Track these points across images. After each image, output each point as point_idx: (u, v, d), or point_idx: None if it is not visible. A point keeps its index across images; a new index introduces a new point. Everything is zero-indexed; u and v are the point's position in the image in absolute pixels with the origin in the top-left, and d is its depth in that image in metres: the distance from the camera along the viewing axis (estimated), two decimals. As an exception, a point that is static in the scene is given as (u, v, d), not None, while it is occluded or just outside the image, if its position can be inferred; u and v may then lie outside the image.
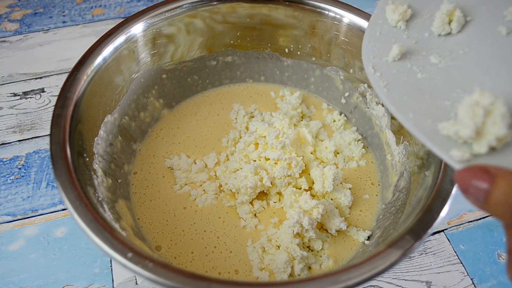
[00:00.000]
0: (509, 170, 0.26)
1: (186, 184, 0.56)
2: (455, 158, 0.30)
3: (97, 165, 0.47)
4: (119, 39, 0.53)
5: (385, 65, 0.37)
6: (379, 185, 0.58)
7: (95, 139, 0.49)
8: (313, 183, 0.55)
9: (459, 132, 0.30)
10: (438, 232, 0.59)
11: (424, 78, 0.36)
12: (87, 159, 0.46)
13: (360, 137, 0.61)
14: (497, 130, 0.29)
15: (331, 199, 0.54)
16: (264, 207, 0.54)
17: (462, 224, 0.60)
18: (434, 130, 0.32)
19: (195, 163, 0.58)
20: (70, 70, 0.48)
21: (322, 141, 0.61)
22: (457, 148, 0.30)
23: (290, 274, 0.48)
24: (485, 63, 0.35)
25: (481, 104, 0.29)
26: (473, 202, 0.27)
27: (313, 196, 0.54)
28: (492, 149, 0.30)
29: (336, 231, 0.51)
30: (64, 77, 0.62)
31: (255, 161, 0.56)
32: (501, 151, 0.30)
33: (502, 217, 0.25)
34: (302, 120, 0.64)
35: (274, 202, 0.55)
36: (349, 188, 0.56)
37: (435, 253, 0.57)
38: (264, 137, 0.56)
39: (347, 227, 0.52)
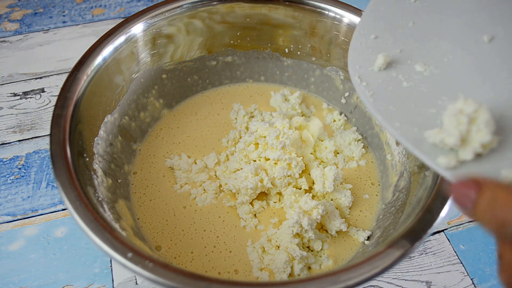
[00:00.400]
0: (495, 181, 0.27)
1: (186, 184, 0.56)
2: (441, 165, 0.30)
3: (97, 165, 0.47)
4: (119, 39, 0.53)
5: (371, 74, 0.38)
6: (379, 185, 0.58)
7: (95, 139, 0.49)
8: (313, 183, 0.55)
9: (445, 140, 0.31)
10: (438, 232, 0.59)
11: (410, 87, 0.36)
12: (87, 159, 0.46)
13: (360, 137, 0.61)
14: (482, 137, 0.29)
15: (331, 200, 0.54)
16: (264, 207, 0.54)
17: (462, 224, 0.60)
18: (421, 138, 0.32)
19: (196, 163, 0.58)
20: (70, 70, 0.48)
21: (322, 141, 0.61)
22: (444, 155, 0.31)
23: (289, 274, 0.48)
24: (469, 70, 0.36)
25: (465, 112, 0.30)
26: (462, 211, 0.28)
27: (313, 196, 0.54)
28: (478, 155, 0.30)
29: (336, 232, 0.51)
30: (64, 77, 0.62)
31: (255, 161, 0.56)
32: (486, 157, 0.30)
33: (488, 225, 0.26)
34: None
35: (274, 202, 0.55)
36: (349, 189, 0.56)
37: (435, 253, 0.57)
38: (264, 137, 0.56)
39: (347, 227, 0.52)
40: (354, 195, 0.56)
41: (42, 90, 0.74)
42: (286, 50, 0.64)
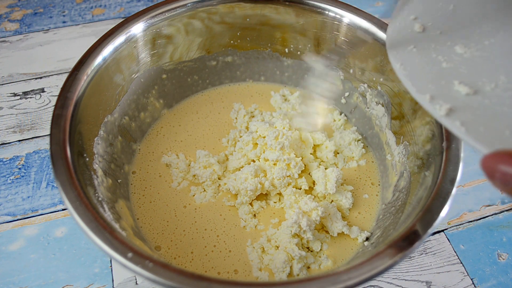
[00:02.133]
0: None
1: (184, 180, 0.56)
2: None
3: (97, 165, 0.47)
4: (119, 39, 0.53)
5: (409, 54, 0.38)
6: (379, 185, 0.58)
7: (95, 139, 0.49)
8: (313, 183, 0.55)
9: None
10: (438, 232, 0.59)
11: (449, 68, 0.36)
12: (87, 159, 0.46)
13: (360, 137, 0.61)
14: None
15: (332, 201, 0.54)
16: (263, 207, 0.54)
17: (462, 224, 0.60)
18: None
19: (194, 162, 0.58)
20: (70, 70, 0.48)
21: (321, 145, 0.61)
22: None
23: (289, 274, 0.48)
24: (511, 52, 0.36)
25: None
26: (501, 188, 0.27)
27: (314, 197, 0.54)
28: None
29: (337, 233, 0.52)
30: (64, 77, 0.62)
31: (254, 161, 0.56)
32: None
33: None
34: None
35: (274, 202, 0.55)
36: (350, 190, 0.56)
37: (435, 253, 0.57)
38: (264, 137, 0.56)
39: (348, 230, 0.52)
40: (354, 195, 0.56)
41: (42, 90, 0.74)
42: (286, 50, 0.64)
